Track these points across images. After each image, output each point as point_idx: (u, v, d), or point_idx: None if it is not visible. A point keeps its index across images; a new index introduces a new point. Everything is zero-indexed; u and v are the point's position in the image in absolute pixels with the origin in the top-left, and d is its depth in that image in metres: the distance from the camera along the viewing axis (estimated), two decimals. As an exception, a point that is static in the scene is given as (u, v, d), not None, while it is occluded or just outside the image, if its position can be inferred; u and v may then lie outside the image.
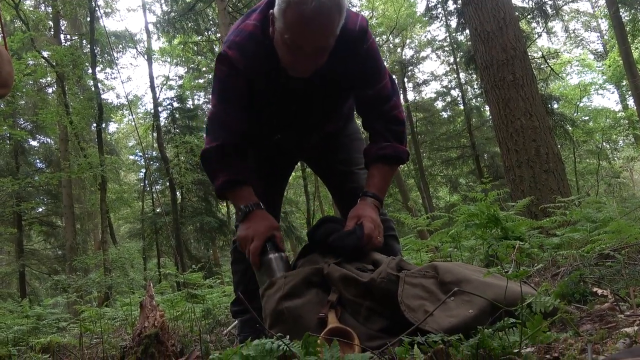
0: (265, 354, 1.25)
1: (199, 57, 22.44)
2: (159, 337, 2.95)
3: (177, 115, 21.95)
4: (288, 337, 1.29)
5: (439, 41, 25.73)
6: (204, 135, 2.29)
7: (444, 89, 26.02)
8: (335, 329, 1.71)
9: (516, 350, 1.28)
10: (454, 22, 20.64)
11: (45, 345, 5.21)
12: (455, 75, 24.64)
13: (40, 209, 21.35)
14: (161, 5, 21.64)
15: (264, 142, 2.48)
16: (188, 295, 5.64)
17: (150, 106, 23.96)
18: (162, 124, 20.94)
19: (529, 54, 9.87)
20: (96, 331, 5.22)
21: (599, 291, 1.99)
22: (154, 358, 2.87)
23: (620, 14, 14.68)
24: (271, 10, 1.95)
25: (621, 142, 26.37)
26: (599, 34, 27.76)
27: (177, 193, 20.62)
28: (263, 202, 2.30)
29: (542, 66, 19.44)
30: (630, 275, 2.26)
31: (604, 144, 22.70)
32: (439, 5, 19.19)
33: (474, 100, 23.76)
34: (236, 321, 2.90)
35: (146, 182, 22.22)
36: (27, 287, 18.30)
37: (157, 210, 21.02)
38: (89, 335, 5.53)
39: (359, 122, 2.53)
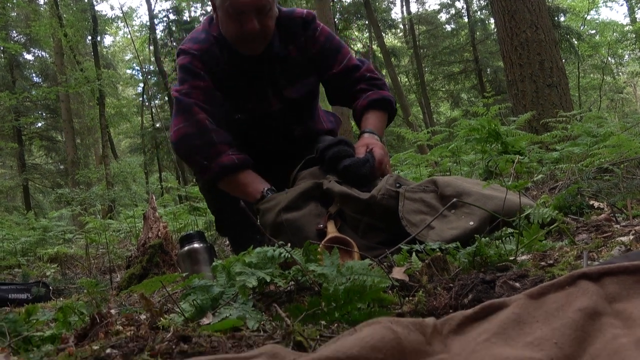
0: (267, 261, 1.28)
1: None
2: (163, 247, 3.03)
3: (173, 28, 21.35)
4: (289, 245, 1.32)
5: (445, -51, 24.60)
6: (171, 126, 2.22)
7: (449, 1, 25.16)
8: (334, 238, 1.75)
9: (512, 258, 1.31)
10: None
11: (53, 256, 5.36)
12: (461, -14, 23.75)
13: (39, 124, 21.26)
14: None
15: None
16: (190, 208, 5.73)
17: (145, 18, 23.36)
18: (158, 37, 20.42)
19: (538, -38, 9.44)
20: (101, 242, 5.35)
21: (596, 204, 2.01)
22: (158, 267, 2.95)
23: None
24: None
25: (627, 56, 25.85)
26: (611, -58, 26.50)
27: (176, 108, 20.38)
28: None
29: (550, -24, 18.70)
30: (628, 189, 2.28)
31: (609, 58, 22.26)
32: None
33: (478, 12, 23.04)
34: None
35: (144, 96, 22.00)
36: (31, 200, 18.57)
37: (157, 125, 20.94)
38: (94, 246, 5.67)
39: None
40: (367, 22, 20.74)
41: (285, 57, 2.26)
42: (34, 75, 21.20)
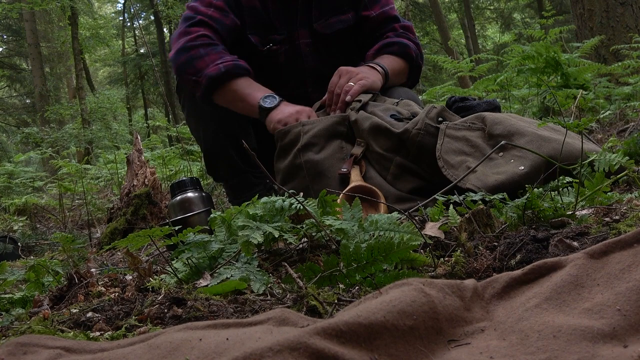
0: (275, 213, 1.29)
1: None
2: (150, 197, 3.06)
3: None
4: (302, 194, 1.32)
5: None
6: (178, 31, 2.34)
7: None
8: (357, 187, 1.75)
9: (570, 212, 1.31)
10: None
11: (21, 207, 5.45)
12: None
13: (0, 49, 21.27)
14: None
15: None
16: (183, 152, 5.76)
17: None
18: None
19: None
20: (78, 191, 5.42)
21: (675, 149, 1.99)
22: (145, 220, 3.00)
23: None
24: None
25: None
26: None
27: (165, 29, 20.26)
28: None
29: None
30: None
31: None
32: None
33: None
34: None
35: (125, 15, 21.81)
36: (-7, 141, 18.76)
37: (142, 51, 20.85)
38: (69, 196, 5.75)
39: None
40: None
41: None
42: (-9, -12, 21.07)
